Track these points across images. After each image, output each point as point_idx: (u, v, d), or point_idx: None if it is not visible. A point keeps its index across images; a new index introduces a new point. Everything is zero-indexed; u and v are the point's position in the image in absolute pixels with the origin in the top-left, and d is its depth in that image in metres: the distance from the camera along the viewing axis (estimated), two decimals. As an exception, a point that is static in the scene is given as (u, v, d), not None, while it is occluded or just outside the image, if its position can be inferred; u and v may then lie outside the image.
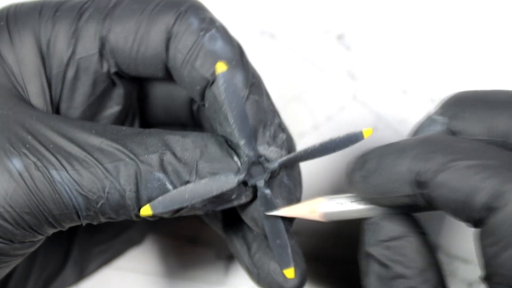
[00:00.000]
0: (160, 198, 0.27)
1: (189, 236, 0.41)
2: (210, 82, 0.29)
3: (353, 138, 0.28)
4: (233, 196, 0.28)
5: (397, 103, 0.42)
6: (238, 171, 0.28)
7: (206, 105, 0.29)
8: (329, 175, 0.41)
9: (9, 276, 0.33)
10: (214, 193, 0.27)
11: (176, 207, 0.27)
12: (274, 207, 0.28)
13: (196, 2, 0.30)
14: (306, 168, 0.34)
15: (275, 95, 0.40)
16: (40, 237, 0.28)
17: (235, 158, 0.28)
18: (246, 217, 0.30)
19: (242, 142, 0.27)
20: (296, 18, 0.43)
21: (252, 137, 0.28)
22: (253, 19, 0.43)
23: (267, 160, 0.28)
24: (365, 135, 0.28)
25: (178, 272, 0.40)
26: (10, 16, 0.30)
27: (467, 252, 0.40)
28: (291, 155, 0.28)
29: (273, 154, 0.28)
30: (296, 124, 0.41)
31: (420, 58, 0.42)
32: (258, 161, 0.28)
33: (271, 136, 0.29)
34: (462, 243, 0.40)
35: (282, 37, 0.43)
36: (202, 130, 0.34)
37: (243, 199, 0.28)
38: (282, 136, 0.29)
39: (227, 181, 0.27)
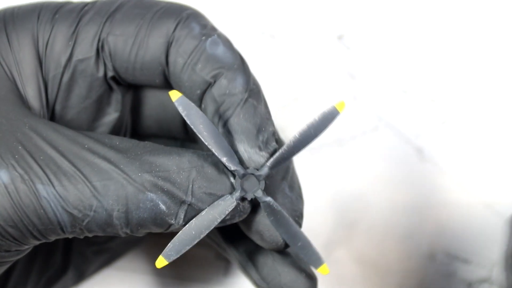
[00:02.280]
0: (170, 245, 0.26)
1: (189, 236, 0.40)
2: (211, 84, 0.29)
3: (329, 116, 0.27)
4: (227, 217, 0.27)
5: (397, 103, 0.42)
6: (232, 191, 0.27)
7: (202, 108, 0.29)
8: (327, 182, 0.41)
9: (6, 280, 0.33)
10: (219, 220, 0.26)
11: (188, 247, 0.26)
12: (281, 213, 0.27)
13: (197, 11, 0.30)
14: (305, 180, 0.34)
15: (275, 95, 0.40)
16: (26, 247, 0.27)
17: (232, 179, 0.27)
18: (250, 232, 0.29)
19: (224, 159, 0.26)
20: (297, 18, 0.43)
21: (233, 152, 0.27)
22: (254, 20, 0.43)
23: (256, 169, 0.27)
24: (339, 109, 0.27)
25: (178, 272, 0.40)
26: (7, 19, 0.29)
27: (467, 252, 0.40)
28: (277, 154, 0.27)
29: (262, 159, 0.27)
30: (296, 124, 0.41)
31: (420, 58, 0.42)
32: (248, 173, 0.27)
33: (264, 142, 0.28)
34: (462, 243, 0.40)
35: (282, 37, 0.43)
36: (194, 144, 0.34)
37: (237, 219, 0.28)
38: (274, 144, 0.28)
39: (226, 204, 0.26)
